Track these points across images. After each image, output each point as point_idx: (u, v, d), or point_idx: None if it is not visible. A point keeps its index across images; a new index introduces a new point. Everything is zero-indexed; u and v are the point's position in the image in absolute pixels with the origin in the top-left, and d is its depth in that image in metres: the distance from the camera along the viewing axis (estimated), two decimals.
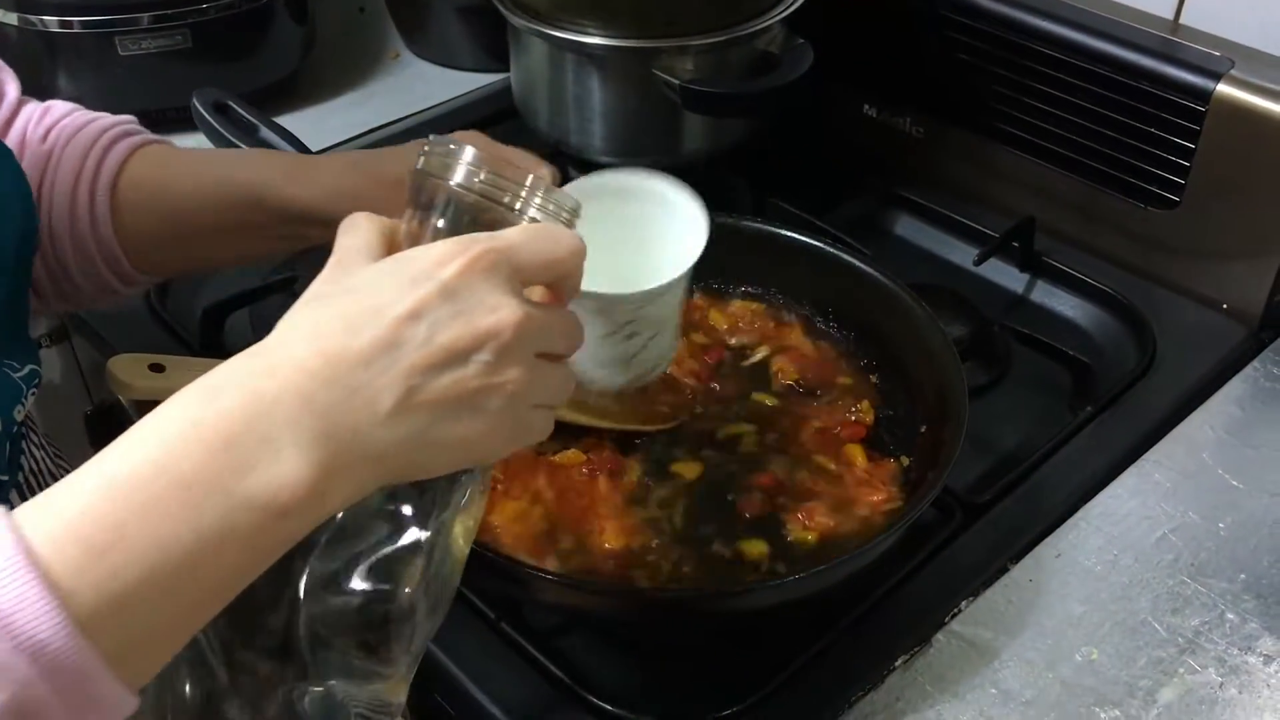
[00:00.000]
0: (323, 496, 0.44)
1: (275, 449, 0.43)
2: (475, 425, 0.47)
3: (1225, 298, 0.98)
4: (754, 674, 0.69)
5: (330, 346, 0.45)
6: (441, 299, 0.46)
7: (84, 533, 0.41)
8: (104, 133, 0.78)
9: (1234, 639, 0.72)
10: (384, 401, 0.45)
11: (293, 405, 0.44)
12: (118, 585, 0.40)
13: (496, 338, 0.47)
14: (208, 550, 0.42)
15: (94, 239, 0.76)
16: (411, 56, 1.37)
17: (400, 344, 0.45)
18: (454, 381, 0.46)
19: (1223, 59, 0.93)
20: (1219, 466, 0.83)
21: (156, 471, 0.42)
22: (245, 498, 0.42)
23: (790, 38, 1.03)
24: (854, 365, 0.87)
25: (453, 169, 0.51)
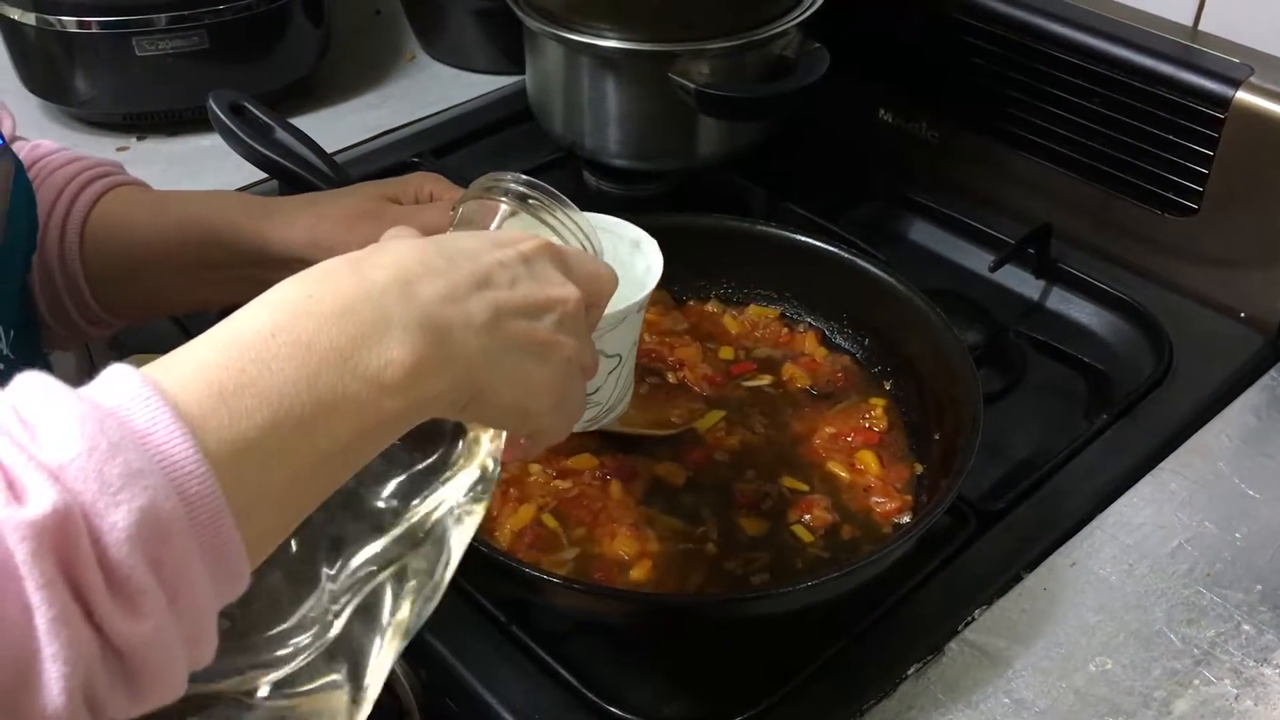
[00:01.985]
0: (421, 381, 0.46)
1: (384, 328, 0.45)
2: (539, 372, 0.52)
3: (1243, 306, 0.97)
4: (764, 680, 0.68)
5: (431, 262, 0.49)
6: (520, 262, 0.52)
7: (211, 376, 0.41)
8: (83, 172, 0.78)
9: (1250, 650, 0.71)
10: (478, 315, 0.49)
11: (399, 294, 0.46)
12: (243, 429, 0.40)
13: (563, 305, 0.52)
14: (321, 412, 0.43)
15: (62, 276, 0.76)
16: (427, 58, 1.38)
17: (491, 281, 0.50)
18: (529, 328, 0.51)
19: (1242, 66, 0.92)
20: (1235, 476, 0.83)
21: (274, 331, 0.43)
22: (357, 367, 0.44)
23: (806, 42, 1.03)
24: (867, 371, 0.87)
25: (504, 189, 0.58)
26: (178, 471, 0.38)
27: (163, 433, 0.38)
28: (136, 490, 0.36)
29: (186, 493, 0.38)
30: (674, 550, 0.74)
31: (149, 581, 0.36)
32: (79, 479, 0.36)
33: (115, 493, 0.36)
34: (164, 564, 0.37)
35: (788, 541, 0.75)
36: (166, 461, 0.37)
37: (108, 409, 0.38)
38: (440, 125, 1.24)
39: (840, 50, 1.02)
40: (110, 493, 0.36)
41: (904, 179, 1.11)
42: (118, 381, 0.39)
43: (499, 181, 0.59)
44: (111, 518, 0.36)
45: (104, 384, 0.39)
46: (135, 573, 0.36)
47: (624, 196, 1.11)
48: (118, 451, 0.36)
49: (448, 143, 1.18)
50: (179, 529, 0.37)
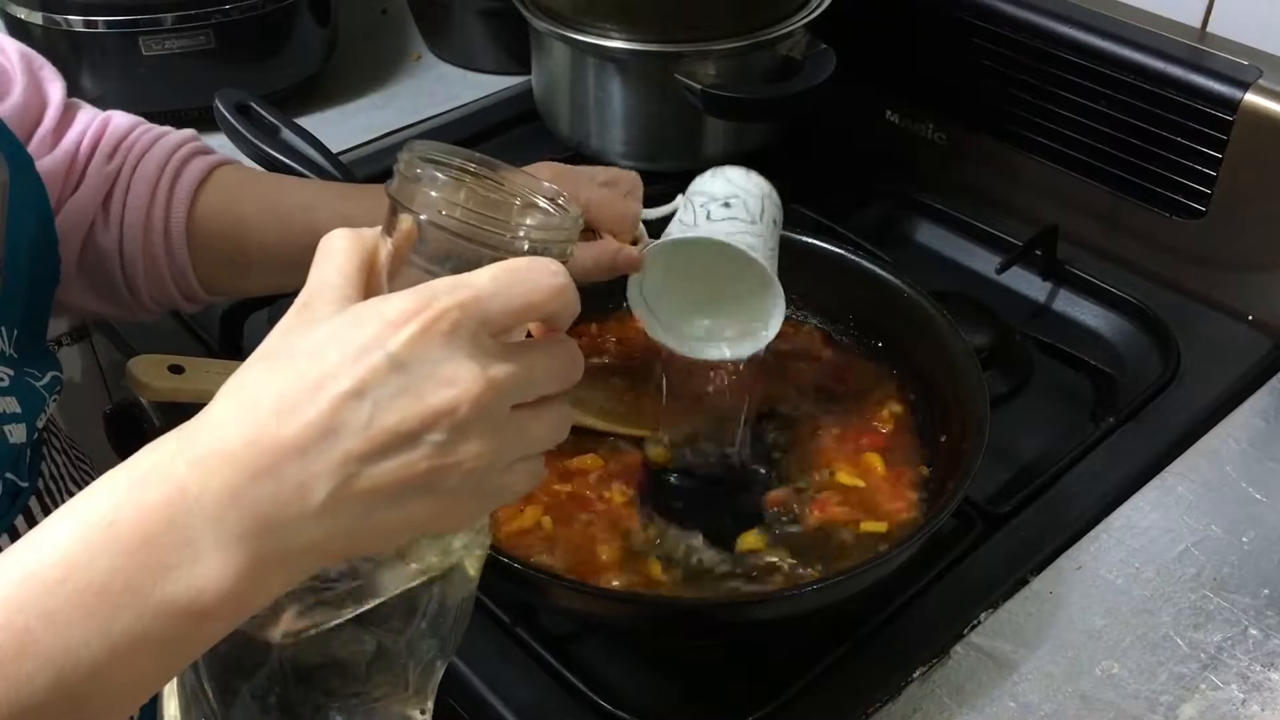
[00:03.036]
0: (247, 595, 0.41)
1: (195, 549, 0.40)
2: (426, 506, 0.43)
3: (1251, 309, 0.97)
4: (770, 683, 0.68)
5: (263, 433, 0.41)
6: (389, 371, 0.41)
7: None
8: (174, 152, 0.78)
9: (1257, 655, 0.71)
10: (317, 493, 0.41)
11: (218, 501, 0.40)
12: (24, 694, 0.39)
13: (451, 415, 0.41)
14: (119, 657, 0.40)
15: (168, 262, 0.76)
16: (433, 58, 1.38)
17: (338, 429, 0.41)
18: (400, 465, 0.41)
19: (1251, 68, 0.92)
20: (1243, 480, 0.82)
21: (64, 575, 0.40)
22: (161, 603, 0.40)
23: (813, 43, 1.03)
24: (874, 373, 0.86)
25: (420, 200, 0.45)
26: None
27: None
28: None
29: None
30: (676, 552, 0.74)
31: None
32: None
33: None
34: None
35: (793, 543, 0.74)
36: None
37: None
38: (446, 125, 1.23)
39: (847, 51, 1.01)
40: None
41: (910, 181, 1.11)
42: None
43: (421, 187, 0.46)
44: None
45: None
46: None
47: None
48: None
49: (454, 143, 1.17)
50: None
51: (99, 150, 0.76)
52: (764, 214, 0.72)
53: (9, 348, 0.65)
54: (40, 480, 0.69)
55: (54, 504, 0.71)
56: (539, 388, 0.45)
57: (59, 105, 0.77)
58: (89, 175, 0.75)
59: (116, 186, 0.76)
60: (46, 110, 0.76)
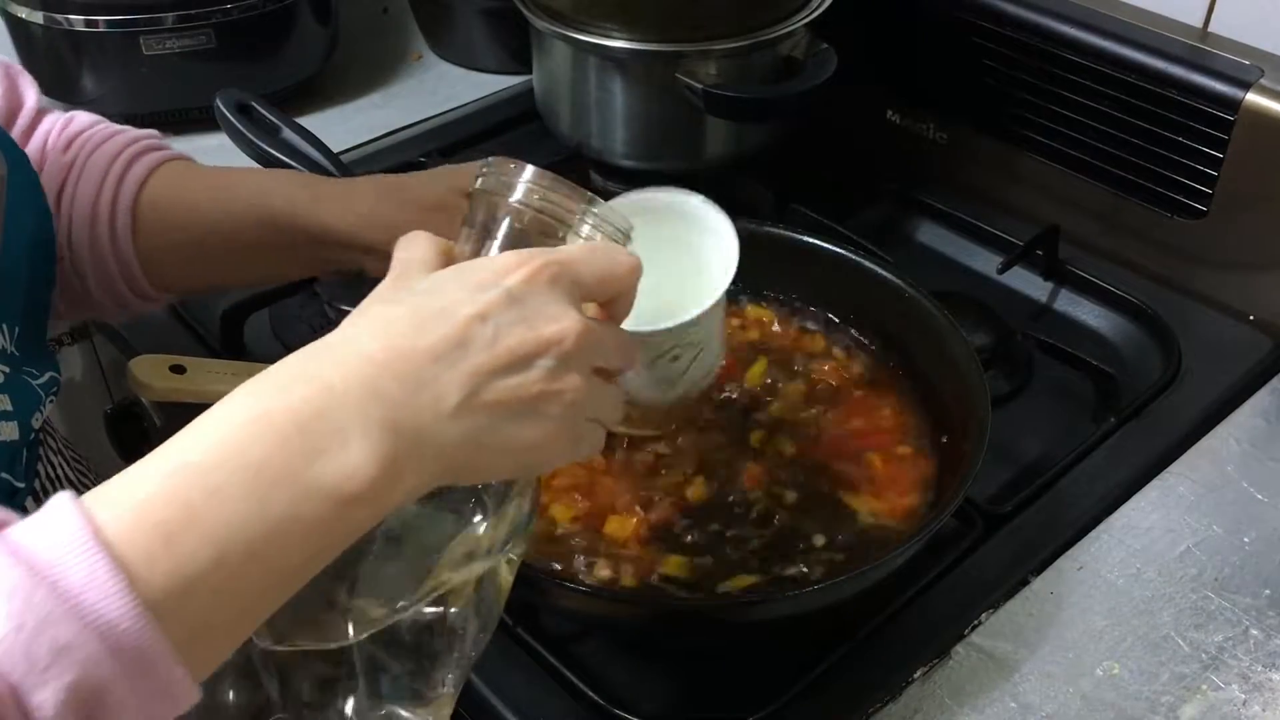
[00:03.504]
0: (388, 487, 0.45)
1: (344, 437, 0.43)
2: (535, 430, 0.48)
3: (1252, 309, 0.97)
4: (771, 683, 0.68)
5: (398, 342, 0.46)
6: (507, 304, 0.47)
7: (154, 516, 0.40)
8: (127, 146, 0.78)
9: (1258, 655, 0.71)
10: (449, 398, 0.46)
11: (361, 396, 0.44)
12: (186, 569, 0.40)
13: (559, 345, 0.48)
14: (275, 537, 0.42)
15: (113, 254, 0.76)
16: (434, 58, 1.38)
17: (467, 343, 0.46)
18: (517, 385, 0.47)
19: (1252, 68, 0.92)
20: (1244, 480, 0.82)
21: (226, 456, 0.42)
22: (313, 485, 0.43)
23: (814, 42, 1.03)
24: (875, 373, 0.86)
25: (512, 187, 0.53)
26: (113, 630, 0.38)
27: (98, 589, 0.38)
28: (65, 666, 0.37)
29: (123, 649, 0.38)
30: (678, 552, 0.74)
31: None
32: (7, 659, 0.36)
33: (43, 670, 0.37)
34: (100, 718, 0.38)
35: (794, 543, 0.74)
36: (101, 622, 0.38)
37: (42, 565, 0.38)
38: (447, 125, 1.24)
39: (848, 51, 1.01)
40: (38, 671, 0.37)
41: (912, 180, 1.11)
42: (58, 524, 0.39)
43: (506, 179, 0.54)
44: (39, 696, 0.37)
45: (45, 524, 0.39)
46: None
47: None
48: (45, 627, 0.37)
49: (454, 142, 1.18)
50: (114, 692, 0.38)
51: (57, 143, 0.77)
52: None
53: (10, 345, 0.65)
54: (37, 481, 0.69)
55: None
56: (611, 357, 0.52)
57: (31, 110, 0.78)
58: (47, 167, 0.75)
59: (68, 180, 0.76)
60: (20, 113, 0.77)
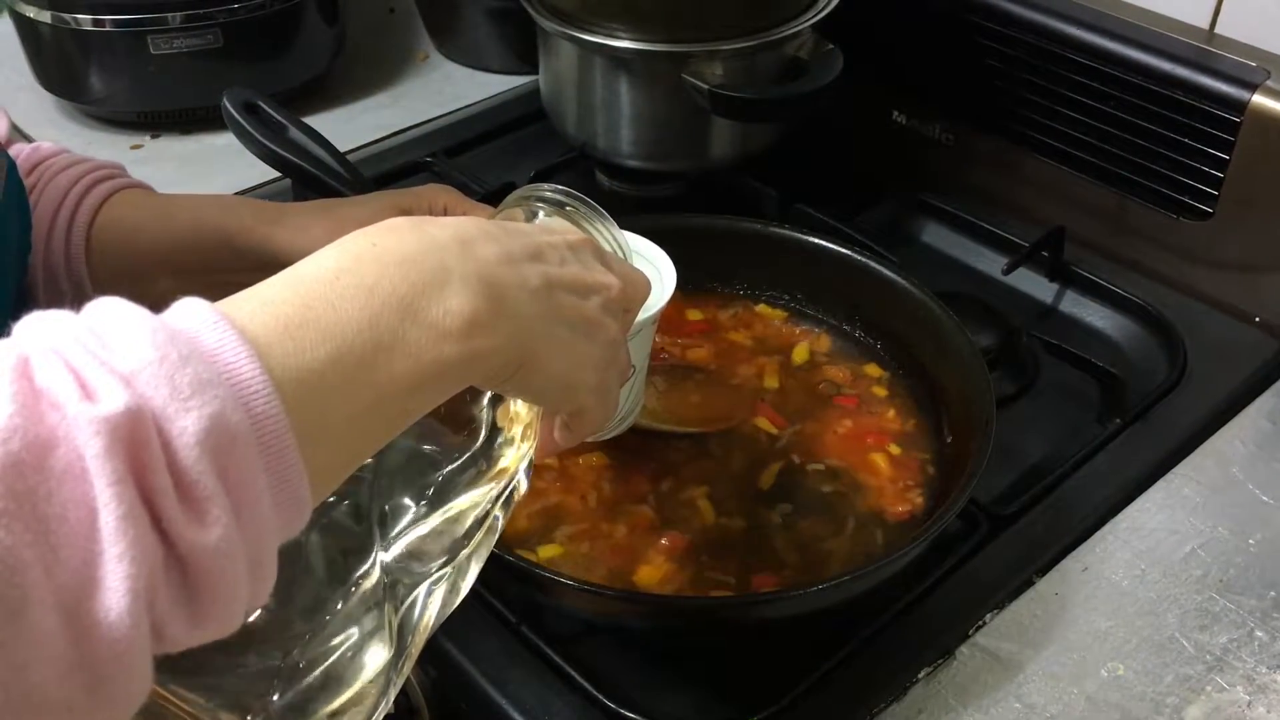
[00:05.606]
0: (477, 333, 0.47)
1: (444, 279, 0.46)
2: (586, 348, 0.53)
3: (1258, 310, 0.97)
4: (775, 683, 0.68)
5: (489, 232, 0.50)
6: (567, 248, 0.54)
7: (278, 310, 0.42)
8: (86, 174, 0.78)
9: (1263, 657, 0.71)
10: (532, 280, 0.50)
11: (460, 251, 0.48)
12: (308, 360, 0.41)
13: (608, 291, 0.55)
14: (382, 351, 0.44)
15: (67, 279, 0.76)
16: (440, 58, 1.38)
17: (542, 256, 0.52)
18: (578, 304, 0.53)
19: (1258, 69, 0.92)
20: (1249, 481, 0.82)
21: (340, 273, 0.44)
22: (417, 313, 0.45)
23: (820, 43, 1.03)
24: (880, 373, 0.86)
25: (540, 195, 0.60)
26: (244, 389, 0.38)
27: (230, 353, 0.39)
28: (206, 398, 0.37)
29: (253, 409, 0.38)
30: (681, 551, 0.74)
31: (216, 489, 0.37)
32: (150, 384, 0.36)
33: (186, 399, 0.36)
34: (230, 474, 0.37)
35: (797, 542, 0.74)
36: (234, 378, 0.38)
37: (178, 328, 0.39)
38: (453, 125, 1.24)
39: (854, 52, 1.01)
40: (181, 399, 0.36)
41: (917, 181, 1.11)
42: (187, 309, 0.40)
43: (536, 190, 0.61)
44: (182, 422, 0.36)
45: (173, 311, 0.40)
46: (203, 479, 0.36)
47: (636, 197, 1.11)
48: (188, 363, 0.37)
49: (460, 142, 1.18)
50: (245, 441, 0.38)
51: (22, 168, 0.76)
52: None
53: None
54: None
55: None
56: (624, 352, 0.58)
57: (3, 136, 0.78)
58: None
59: (28, 201, 0.76)
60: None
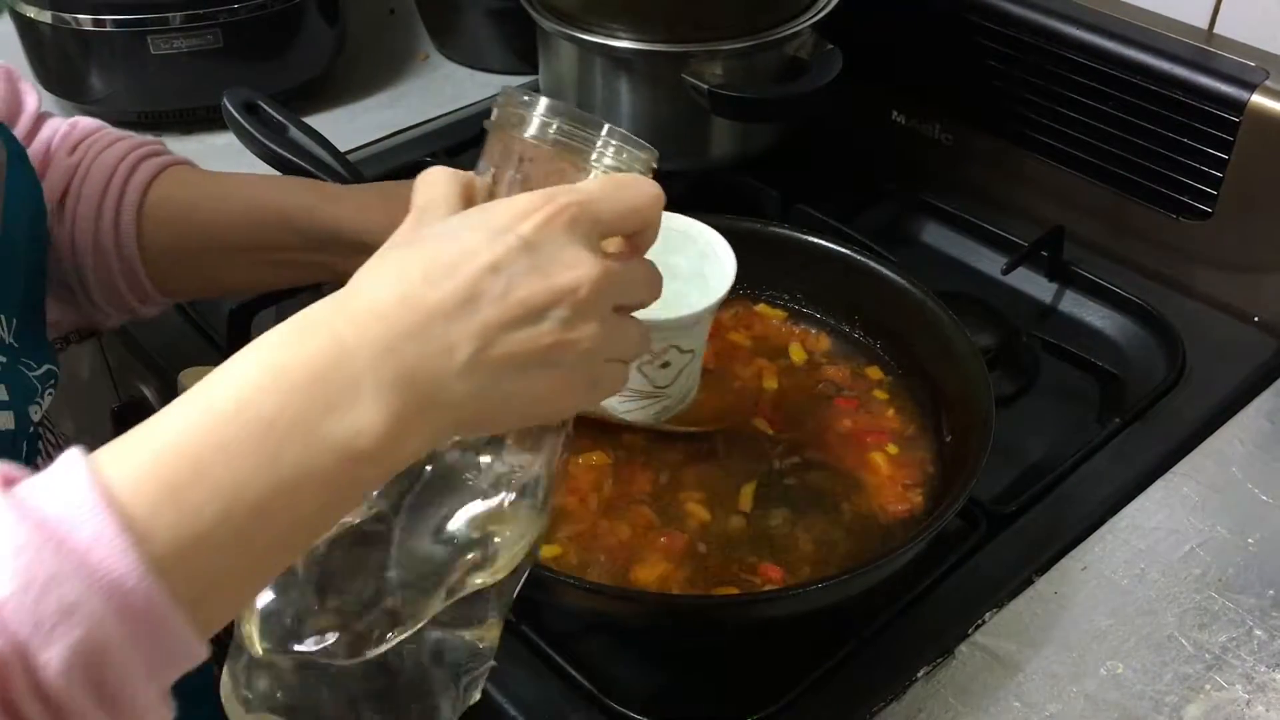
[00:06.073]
0: (399, 442, 0.45)
1: (356, 393, 0.43)
2: (548, 380, 0.48)
3: (1257, 310, 0.97)
4: (774, 682, 0.68)
5: (411, 296, 0.45)
6: (521, 252, 0.47)
7: (162, 471, 0.40)
8: (131, 150, 0.78)
9: (1262, 656, 0.71)
10: (460, 353, 0.45)
11: (373, 352, 0.44)
12: (194, 525, 0.40)
13: (573, 294, 0.47)
14: (284, 492, 0.42)
15: (117, 256, 0.76)
16: (441, 58, 1.38)
17: (478, 297, 0.46)
18: (529, 337, 0.47)
19: (1257, 69, 0.92)
20: (1248, 481, 0.82)
21: (237, 409, 0.42)
22: (324, 440, 0.43)
23: (820, 43, 1.03)
24: (879, 373, 0.86)
25: (527, 122, 0.52)
26: (119, 588, 0.38)
27: (105, 547, 0.38)
28: (72, 624, 0.37)
29: (129, 608, 0.38)
30: (682, 549, 0.74)
31: (87, 705, 0.37)
32: (15, 618, 0.36)
33: (49, 630, 0.37)
34: (106, 683, 0.38)
35: (798, 541, 0.75)
36: (107, 581, 0.38)
37: (50, 522, 0.38)
38: (453, 125, 1.24)
39: (854, 52, 1.01)
40: (44, 631, 0.37)
41: (917, 181, 1.11)
42: (67, 480, 0.39)
43: (520, 113, 0.53)
44: (45, 655, 0.36)
45: (54, 481, 0.39)
46: (74, 700, 0.37)
47: None
48: (53, 585, 0.37)
49: (461, 142, 1.18)
50: (119, 651, 0.38)
51: (64, 145, 0.77)
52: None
53: (9, 336, 0.65)
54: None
55: None
56: (635, 293, 0.51)
57: (32, 114, 0.78)
58: (52, 169, 0.76)
59: (74, 181, 0.76)
60: (20, 118, 0.77)
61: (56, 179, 0.76)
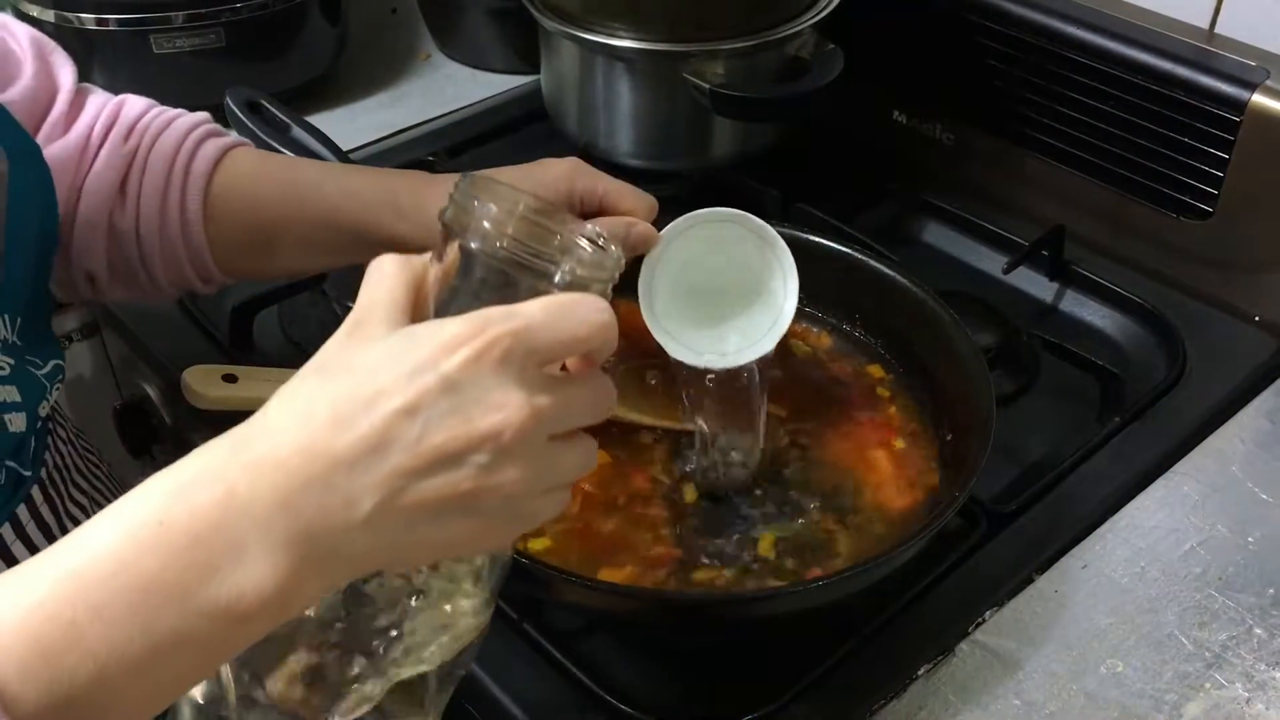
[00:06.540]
0: (288, 599, 0.43)
1: (241, 552, 0.41)
2: (465, 526, 0.45)
3: (1257, 310, 0.97)
4: (775, 680, 0.69)
5: (315, 442, 0.42)
6: (441, 393, 0.43)
7: (36, 632, 0.40)
8: (188, 134, 0.78)
9: (1261, 654, 0.71)
10: (363, 505, 0.42)
11: (267, 506, 0.42)
12: (65, 687, 0.40)
13: (496, 439, 0.43)
14: (160, 654, 0.41)
15: (184, 243, 0.76)
16: (442, 58, 1.38)
17: (388, 444, 0.42)
18: (444, 484, 0.43)
19: (1258, 69, 0.92)
20: (1248, 480, 0.83)
21: (117, 569, 0.41)
22: (205, 603, 0.41)
23: (821, 43, 1.03)
24: (880, 372, 0.86)
25: (473, 229, 0.47)
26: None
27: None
28: None
29: None
30: (681, 548, 0.74)
31: None
32: None
33: None
34: None
35: (798, 539, 0.75)
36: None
37: None
38: (455, 124, 1.24)
39: (855, 51, 1.02)
40: None
41: (918, 180, 1.11)
42: None
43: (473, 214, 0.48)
44: None
45: None
46: None
47: None
48: None
49: (462, 142, 1.19)
50: None
51: (114, 132, 0.77)
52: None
53: (12, 335, 0.65)
54: (44, 470, 0.70)
55: (58, 494, 0.71)
56: (575, 420, 0.47)
57: (69, 91, 0.77)
58: (105, 158, 0.75)
59: (133, 169, 0.76)
60: (57, 96, 0.77)
61: (113, 168, 0.75)
